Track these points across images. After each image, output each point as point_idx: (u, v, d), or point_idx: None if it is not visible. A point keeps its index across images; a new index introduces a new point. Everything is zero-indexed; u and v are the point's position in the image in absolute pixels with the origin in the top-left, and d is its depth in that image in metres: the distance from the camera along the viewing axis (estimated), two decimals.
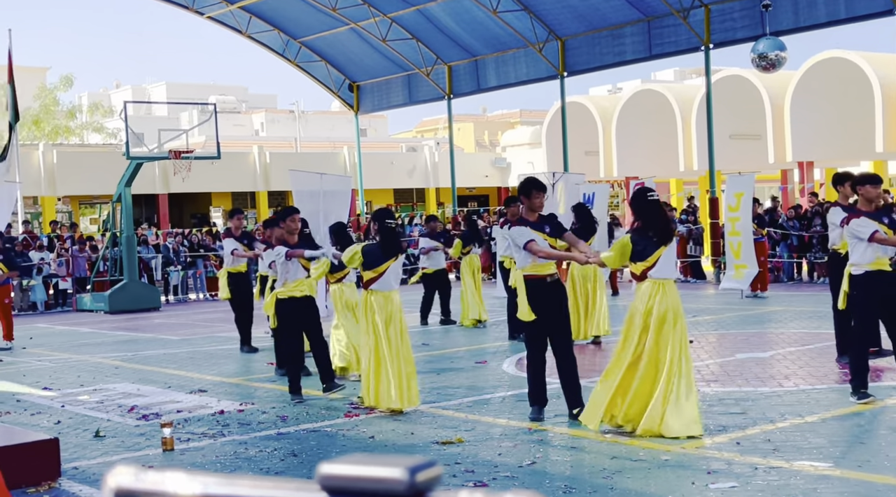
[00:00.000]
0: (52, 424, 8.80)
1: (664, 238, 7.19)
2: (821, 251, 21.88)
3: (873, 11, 20.83)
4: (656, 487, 5.95)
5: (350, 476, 0.81)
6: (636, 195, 7.45)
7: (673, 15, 23.83)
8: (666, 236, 7.20)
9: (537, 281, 7.70)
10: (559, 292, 7.86)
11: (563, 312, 7.89)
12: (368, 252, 8.59)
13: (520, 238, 7.64)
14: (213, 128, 22.23)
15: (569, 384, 7.87)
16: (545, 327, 7.75)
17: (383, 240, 8.63)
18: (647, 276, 7.18)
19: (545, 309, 7.68)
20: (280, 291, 9.44)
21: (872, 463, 6.22)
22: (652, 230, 7.18)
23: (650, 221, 7.22)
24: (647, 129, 34.24)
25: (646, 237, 7.18)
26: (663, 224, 7.26)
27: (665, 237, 7.20)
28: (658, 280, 7.15)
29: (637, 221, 7.31)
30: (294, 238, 9.63)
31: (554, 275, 7.75)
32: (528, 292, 7.67)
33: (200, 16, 29.88)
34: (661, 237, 7.17)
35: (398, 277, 8.79)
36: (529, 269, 7.71)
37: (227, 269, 13.42)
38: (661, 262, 7.17)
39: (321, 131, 54.71)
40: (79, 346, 15.59)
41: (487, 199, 42.44)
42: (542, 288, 7.69)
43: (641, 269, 7.21)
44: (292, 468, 6.83)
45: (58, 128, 44.10)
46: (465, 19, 27.71)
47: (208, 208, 38.46)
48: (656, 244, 7.16)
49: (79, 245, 24.81)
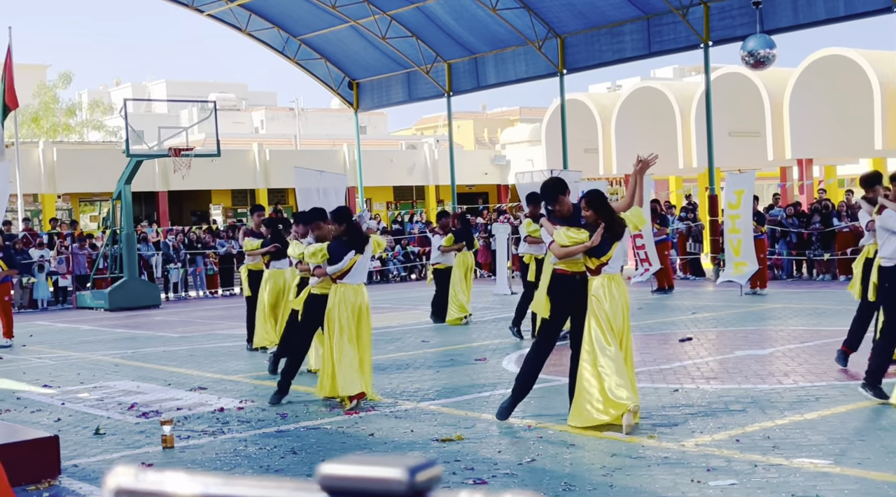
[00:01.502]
0: (52, 422, 8.80)
1: (617, 235, 7.59)
2: (820, 248, 21.89)
3: (872, 9, 20.83)
4: (656, 485, 5.95)
5: (350, 476, 0.81)
6: (598, 198, 7.66)
7: (672, 12, 23.82)
8: (619, 233, 7.62)
9: (567, 277, 7.76)
10: (585, 290, 7.84)
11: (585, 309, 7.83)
12: (333, 249, 8.86)
13: (547, 238, 7.78)
14: (213, 125, 22.23)
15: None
16: (563, 325, 7.85)
17: (350, 236, 8.91)
18: (600, 272, 7.53)
19: (571, 307, 7.74)
20: (314, 287, 9.46)
21: (872, 460, 6.23)
22: (611, 228, 7.51)
23: (610, 221, 7.53)
24: (646, 126, 34.23)
25: (605, 235, 7.49)
26: (617, 223, 7.59)
27: (619, 235, 7.63)
28: (610, 274, 7.55)
29: (599, 220, 7.54)
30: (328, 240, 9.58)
31: (584, 272, 7.77)
32: (555, 287, 7.74)
33: (200, 13, 29.86)
34: (614, 234, 7.56)
35: (365, 272, 9.09)
36: (560, 265, 7.77)
37: (248, 266, 13.24)
38: (613, 258, 7.58)
39: (321, 129, 54.68)
40: (79, 344, 15.59)
41: (487, 197, 42.43)
42: (570, 284, 7.75)
43: (597, 264, 7.54)
44: (292, 466, 6.84)
45: (56, 125, 44.08)
46: (464, 17, 27.70)
47: (208, 206, 38.45)
48: (610, 241, 7.53)
49: (79, 242, 24.81)
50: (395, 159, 40.65)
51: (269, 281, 12.59)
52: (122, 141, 26.52)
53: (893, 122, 28.25)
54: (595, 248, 7.51)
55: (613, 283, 7.54)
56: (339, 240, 8.93)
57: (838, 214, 21.89)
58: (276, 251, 12.38)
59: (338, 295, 8.87)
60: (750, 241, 17.94)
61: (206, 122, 24.40)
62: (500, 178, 41.93)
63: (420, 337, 14.23)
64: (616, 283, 7.55)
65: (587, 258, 7.58)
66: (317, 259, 8.90)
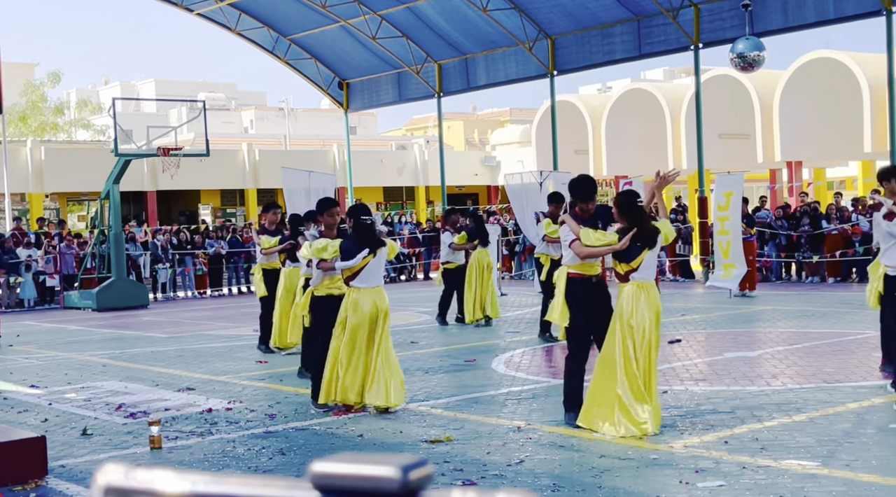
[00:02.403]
0: (39, 422, 8.76)
1: (649, 243, 7.27)
2: (809, 251, 21.96)
3: (862, 11, 20.90)
4: (644, 486, 5.96)
5: (342, 474, 0.80)
6: (625, 198, 7.38)
7: (662, 14, 23.87)
8: (651, 241, 7.28)
9: (582, 280, 7.57)
10: (604, 293, 7.71)
11: (609, 314, 7.60)
12: (346, 249, 8.41)
13: (567, 237, 7.52)
14: (202, 125, 22.17)
15: None
16: (590, 329, 7.60)
17: (359, 235, 8.46)
18: (629, 279, 7.26)
19: (591, 310, 7.54)
20: (317, 289, 9.03)
21: (860, 462, 6.25)
22: (638, 234, 7.20)
23: (640, 227, 7.22)
24: (636, 128, 34.29)
25: (633, 240, 7.20)
26: (649, 230, 7.28)
27: (651, 243, 7.28)
28: (640, 281, 7.25)
29: (623, 223, 7.30)
30: (333, 232, 9.12)
31: (599, 275, 7.60)
32: (572, 291, 7.53)
33: (190, 12, 29.79)
34: (646, 241, 7.25)
35: (380, 274, 8.60)
36: (575, 268, 7.56)
37: (262, 265, 12.97)
38: (644, 264, 7.25)
39: (310, 129, 54.62)
40: (66, 344, 15.53)
41: (477, 198, 42.44)
42: (586, 288, 7.56)
43: (626, 270, 7.27)
44: (281, 467, 6.82)
45: (44, 124, 43.93)
46: (455, 17, 27.70)
47: (197, 206, 38.36)
48: (640, 248, 7.23)
49: (66, 242, 24.71)
50: (384, 160, 40.63)
51: (285, 280, 12.38)
52: (110, 140, 26.43)
53: (883, 124, 28.35)
54: (623, 252, 7.23)
55: (644, 291, 7.24)
56: (352, 237, 8.50)
57: (827, 217, 21.96)
58: (292, 249, 12.02)
59: (350, 299, 8.40)
60: (739, 243, 17.98)
61: (195, 121, 24.34)
62: (490, 179, 41.95)
63: (409, 338, 14.22)
64: (646, 292, 7.25)
65: (616, 263, 7.33)
66: (324, 254, 8.49)
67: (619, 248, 7.23)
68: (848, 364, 10.15)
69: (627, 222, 7.27)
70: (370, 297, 8.38)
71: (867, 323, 13.70)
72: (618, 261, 7.29)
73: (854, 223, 21.24)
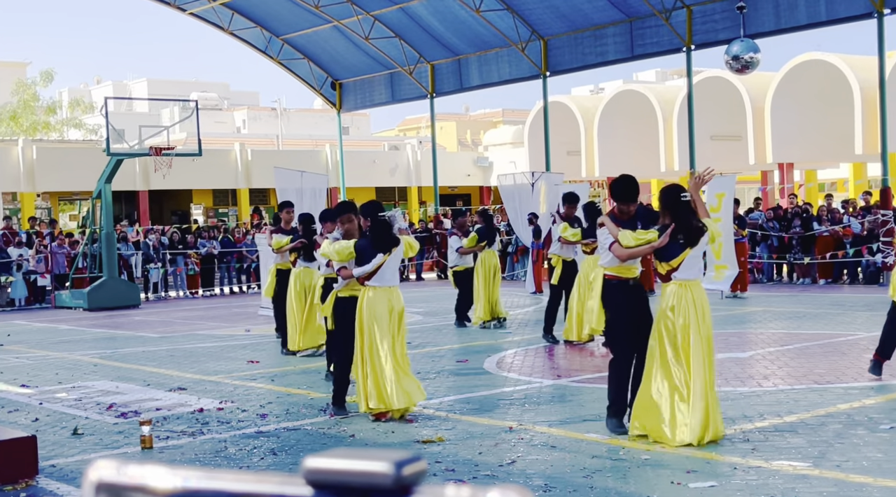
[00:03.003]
0: (30, 422, 8.73)
1: (691, 241, 7.01)
2: (801, 252, 22.01)
3: (853, 14, 20.97)
4: (636, 486, 5.96)
5: (336, 470, 0.80)
6: (668, 193, 7.14)
7: (655, 16, 23.90)
8: (693, 238, 7.02)
9: (619, 283, 7.39)
10: (641, 296, 7.53)
11: (648, 317, 7.41)
12: (361, 248, 8.19)
13: (606, 240, 7.33)
14: (195, 125, 22.13)
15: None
16: (634, 332, 7.34)
17: (375, 234, 8.23)
18: (671, 278, 7.03)
19: (631, 311, 7.35)
20: (341, 290, 8.81)
21: (850, 463, 6.26)
22: (681, 231, 6.98)
23: (680, 222, 7.00)
24: (628, 129, 34.34)
25: (673, 237, 6.98)
26: (693, 226, 7.02)
27: (693, 240, 7.02)
28: (683, 281, 7.00)
29: (666, 220, 7.06)
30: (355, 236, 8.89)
31: (637, 277, 7.44)
32: (609, 295, 7.37)
33: (182, 12, 29.74)
34: (689, 239, 7.00)
35: (395, 273, 8.39)
36: (613, 270, 7.38)
37: (277, 265, 12.71)
38: (686, 263, 7.02)
39: (303, 129, 54.56)
40: (57, 344, 15.48)
41: (469, 198, 42.46)
42: (624, 291, 7.38)
43: (667, 269, 7.04)
44: (272, 466, 6.81)
45: (36, 123, 43.82)
46: (448, 18, 27.71)
47: (189, 205, 38.30)
48: (682, 246, 6.98)
49: (58, 241, 24.64)
50: (377, 160, 40.62)
51: (297, 281, 12.16)
52: (102, 139, 26.39)
53: (874, 126, 28.44)
54: (663, 251, 7.00)
55: (688, 291, 6.97)
56: (367, 236, 8.31)
57: (818, 218, 22.01)
58: (304, 249, 11.85)
59: (364, 299, 8.21)
60: (731, 244, 18.00)
61: (187, 121, 24.30)
62: (482, 180, 41.96)
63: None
64: (691, 291, 6.98)
65: (658, 263, 7.11)
66: (343, 257, 8.25)
67: (658, 246, 7.00)
68: (839, 365, 10.18)
69: (670, 218, 7.03)
70: (385, 297, 8.19)
71: (858, 324, 13.74)
72: (658, 260, 7.06)
73: (845, 225, 21.29)
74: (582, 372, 10.69)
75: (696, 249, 7.01)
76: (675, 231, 6.95)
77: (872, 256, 20.59)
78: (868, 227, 20.77)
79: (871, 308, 15.83)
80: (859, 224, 21.01)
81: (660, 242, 7.00)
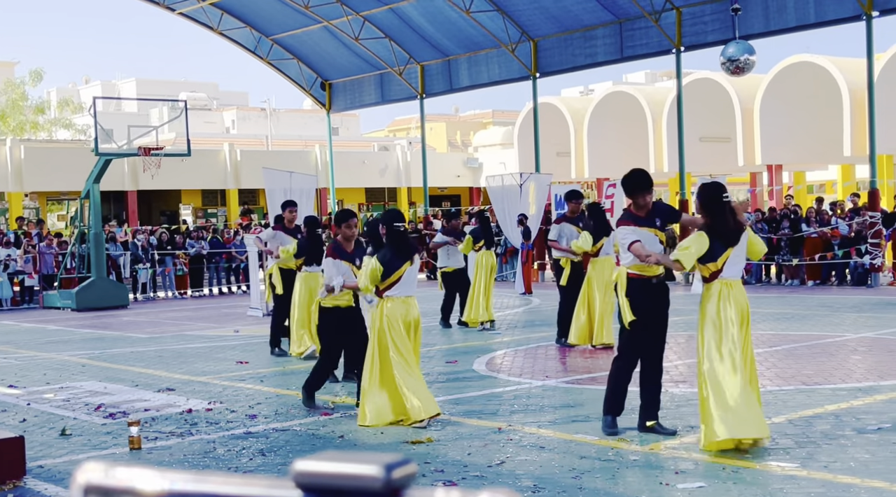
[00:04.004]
0: (18, 423, 8.70)
1: (732, 240, 6.86)
2: (789, 253, 22.07)
3: (842, 16, 21.05)
4: (625, 487, 5.97)
5: (325, 473, 0.80)
6: (710, 193, 6.94)
7: (645, 17, 23.95)
8: (734, 238, 6.86)
9: (642, 281, 7.23)
10: (664, 295, 7.37)
11: (665, 317, 7.36)
12: (386, 261, 7.96)
13: (624, 239, 7.21)
14: (184, 125, 22.08)
15: (651, 395, 7.35)
16: (645, 332, 7.25)
17: (394, 244, 8.03)
18: (715, 278, 6.87)
19: (650, 311, 7.22)
20: (323, 300, 8.78)
21: (838, 464, 6.28)
22: (721, 231, 6.82)
23: (721, 223, 6.83)
24: (618, 130, 34.39)
25: (715, 238, 6.82)
26: (734, 227, 6.86)
27: (733, 241, 6.86)
28: (727, 280, 6.86)
29: (707, 220, 6.88)
30: (350, 245, 8.91)
31: (660, 275, 7.28)
32: (632, 292, 7.21)
33: (171, 12, 29.67)
34: (729, 239, 6.85)
35: (414, 283, 8.20)
36: (635, 268, 7.22)
37: (279, 264, 12.51)
38: (729, 261, 6.87)
39: (293, 129, 54.50)
40: (45, 344, 15.43)
41: (459, 199, 42.46)
42: (647, 289, 7.23)
43: (711, 271, 6.86)
44: (261, 467, 6.80)
45: (24, 123, 43.66)
46: (437, 19, 27.71)
47: (178, 206, 38.22)
48: (724, 246, 6.84)
49: (46, 241, 24.56)
50: (367, 161, 40.59)
51: (302, 285, 11.96)
52: (91, 139, 26.31)
53: (862, 128, 28.56)
54: (707, 253, 6.78)
55: (730, 289, 6.83)
56: (388, 247, 8.05)
57: (807, 220, 22.09)
58: (310, 254, 11.55)
59: (386, 309, 8.02)
60: None
61: (176, 121, 24.25)
62: (472, 181, 41.98)
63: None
64: (732, 290, 6.83)
65: (700, 265, 6.90)
66: (376, 278, 7.92)
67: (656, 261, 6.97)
68: (827, 366, 10.22)
69: (710, 218, 6.86)
70: (402, 307, 8.04)
71: (846, 326, 13.79)
72: (701, 263, 6.87)
73: (833, 226, 21.37)
74: (571, 373, 10.70)
75: (737, 248, 6.88)
76: (713, 232, 6.79)
77: (860, 258, 20.67)
78: (856, 229, 20.85)
79: (859, 309, 15.89)
80: (847, 226, 21.09)
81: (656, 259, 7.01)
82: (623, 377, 7.34)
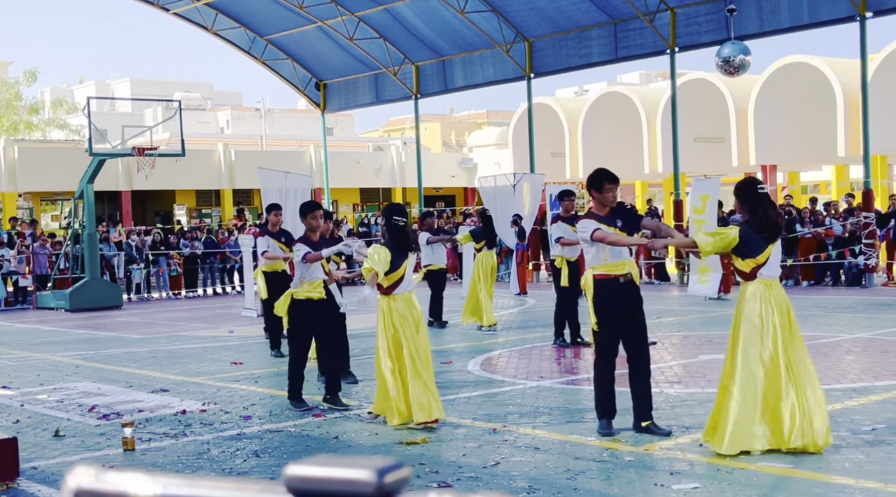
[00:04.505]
0: (11, 424, 8.68)
1: (773, 235, 6.67)
2: (783, 254, 22.10)
3: (836, 17, 21.08)
4: (619, 488, 5.97)
5: (317, 477, 0.79)
6: (745, 186, 6.80)
7: (639, 18, 23.96)
8: (775, 233, 6.69)
9: (609, 282, 7.11)
10: (633, 294, 7.21)
11: (639, 316, 7.23)
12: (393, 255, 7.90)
13: (585, 230, 7.08)
14: (178, 125, 22.06)
15: (641, 395, 7.30)
16: (618, 332, 7.19)
17: (394, 238, 7.99)
18: (756, 276, 6.66)
19: (618, 312, 7.12)
20: (296, 291, 8.77)
21: (832, 464, 6.29)
22: (763, 225, 6.63)
23: (761, 216, 6.63)
24: (612, 131, 34.41)
25: (756, 232, 6.62)
26: (775, 219, 6.68)
27: (774, 234, 6.68)
28: (768, 279, 6.67)
29: (746, 215, 6.70)
30: (316, 236, 8.96)
31: (627, 275, 7.13)
32: (599, 294, 7.11)
33: (166, 12, 29.62)
34: (771, 234, 6.65)
35: (411, 279, 8.16)
36: (600, 269, 7.11)
37: (262, 268, 12.32)
38: (772, 258, 6.68)
39: (287, 129, 54.48)
40: (39, 345, 15.39)
41: (454, 200, 42.46)
42: (614, 289, 7.10)
43: (752, 266, 6.64)
44: (255, 469, 6.78)
45: (18, 123, 43.57)
46: (432, 19, 27.70)
47: (172, 206, 38.16)
48: (766, 241, 6.63)
49: (40, 241, 24.51)
50: (361, 161, 40.57)
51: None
52: (84, 139, 26.24)
53: (856, 129, 28.61)
54: (747, 246, 6.57)
55: (771, 290, 6.63)
56: (389, 242, 8.00)
57: (801, 221, 22.12)
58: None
59: (389, 307, 7.95)
60: None
61: (170, 121, 24.21)
62: (467, 181, 41.97)
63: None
64: (773, 290, 6.64)
65: (739, 260, 6.66)
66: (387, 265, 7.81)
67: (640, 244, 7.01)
68: (821, 367, 10.21)
69: (748, 212, 6.67)
70: (405, 304, 7.99)
71: (840, 326, 13.81)
72: (740, 257, 6.62)
73: (827, 227, 21.40)
74: (566, 374, 10.71)
75: (777, 244, 6.73)
76: (754, 226, 6.62)
77: (855, 258, 20.70)
78: (850, 230, 20.88)
79: (854, 310, 15.91)
80: (841, 226, 21.12)
81: (641, 241, 7.09)
82: (604, 379, 7.31)
